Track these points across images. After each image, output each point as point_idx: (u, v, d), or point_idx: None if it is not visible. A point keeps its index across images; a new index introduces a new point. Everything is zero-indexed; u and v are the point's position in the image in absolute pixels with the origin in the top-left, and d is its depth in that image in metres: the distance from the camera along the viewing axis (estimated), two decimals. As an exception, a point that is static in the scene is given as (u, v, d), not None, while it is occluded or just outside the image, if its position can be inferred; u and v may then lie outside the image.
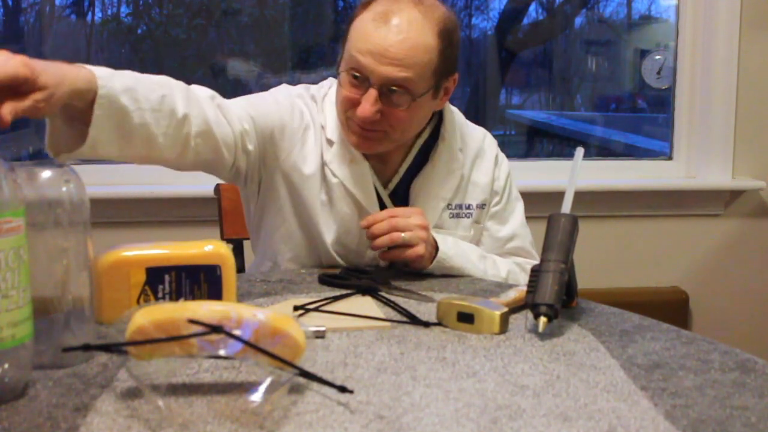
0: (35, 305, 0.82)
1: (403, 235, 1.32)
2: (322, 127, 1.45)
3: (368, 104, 1.31)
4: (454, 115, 1.52)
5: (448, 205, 1.48)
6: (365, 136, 1.37)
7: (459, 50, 1.40)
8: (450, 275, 1.38)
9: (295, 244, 1.46)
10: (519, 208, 1.57)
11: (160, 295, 1.04)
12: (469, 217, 1.50)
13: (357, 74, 1.32)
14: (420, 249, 1.33)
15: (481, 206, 1.52)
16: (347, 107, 1.36)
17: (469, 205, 1.50)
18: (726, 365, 0.94)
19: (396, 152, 1.46)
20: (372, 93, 1.31)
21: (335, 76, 1.44)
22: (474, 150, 1.52)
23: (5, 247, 0.77)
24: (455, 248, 1.40)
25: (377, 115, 1.32)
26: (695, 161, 2.52)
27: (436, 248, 1.37)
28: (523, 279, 1.43)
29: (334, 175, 1.43)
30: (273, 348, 0.80)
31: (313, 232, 1.45)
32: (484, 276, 1.41)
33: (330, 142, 1.44)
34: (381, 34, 1.30)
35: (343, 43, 1.39)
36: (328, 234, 1.44)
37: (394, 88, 1.31)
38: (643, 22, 3.02)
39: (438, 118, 1.49)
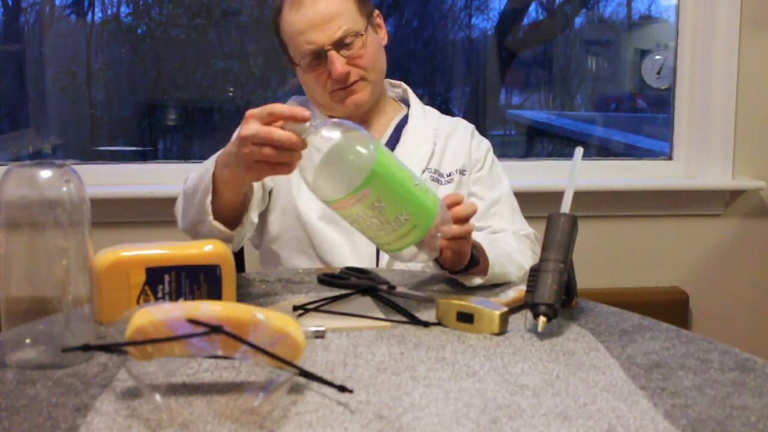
0: (35, 305, 0.82)
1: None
2: None
3: (338, 63, 1.49)
4: (426, 109, 1.68)
5: (427, 168, 1.58)
6: (350, 92, 1.53)
7: None
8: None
9: (286, 225, 1.55)
10: (505, 180, 1.66)
11: (159, 295, 1.04)
12: (450, 183, 1.58)
13: (312, 54, 1.50)
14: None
15: (462, 172, 1.60)
16: (324, 83, 1.52)
17: (450, 173, 1.60)
18: (725, 365, 0.94)
19: (371, 132, 1.57)
20: (333, 55, 1.49)
21: None
22: (447, 130, 1.66)
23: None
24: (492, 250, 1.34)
25: (348, 68, 1.50)
26: (695, 161, 2.52)
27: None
28: (526, 248, 1.51)
29: None
30: (273, 348, 0.80)
31: (299, 210, 1.53)
32: (520, 265, 1.39)
33: None
34: (304, 12, 1.49)
35: (284, 51, 1.58)
36: (315, 210, 1.53)
37: (343, 41, 1.49)
38: (643, 22, 3.02)
39: (407, 109, 1.66)
